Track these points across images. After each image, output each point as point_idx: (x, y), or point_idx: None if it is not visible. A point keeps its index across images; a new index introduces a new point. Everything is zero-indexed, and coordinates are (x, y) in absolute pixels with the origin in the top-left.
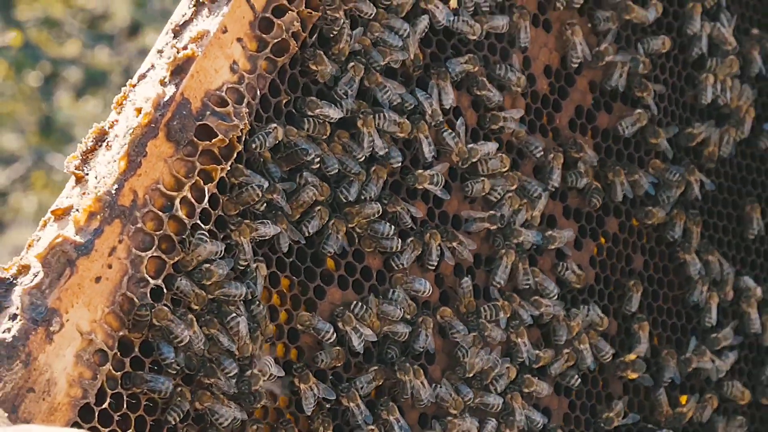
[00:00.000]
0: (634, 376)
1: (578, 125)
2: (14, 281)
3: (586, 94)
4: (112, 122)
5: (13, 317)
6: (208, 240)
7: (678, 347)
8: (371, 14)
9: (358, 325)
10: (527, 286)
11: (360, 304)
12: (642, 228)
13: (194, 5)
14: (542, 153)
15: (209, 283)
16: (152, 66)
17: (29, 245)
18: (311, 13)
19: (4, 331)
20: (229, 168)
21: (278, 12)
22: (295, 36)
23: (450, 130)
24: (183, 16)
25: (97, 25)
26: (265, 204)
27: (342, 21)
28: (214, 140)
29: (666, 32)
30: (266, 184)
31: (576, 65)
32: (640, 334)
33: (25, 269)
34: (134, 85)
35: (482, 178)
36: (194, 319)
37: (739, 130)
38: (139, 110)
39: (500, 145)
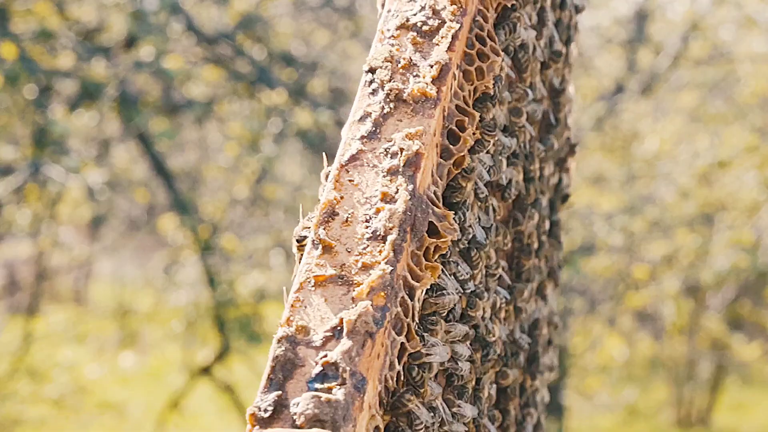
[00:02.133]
0: None
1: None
2: (296, 339)
3: None
4: (338, 198)
5: (322, 378)
6: (441, 345)
7: None
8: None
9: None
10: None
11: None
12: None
13: (393, 100)
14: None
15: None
16: (361, 150)
17: (292, 305)
18: (475, 133)
19: (318, 390)
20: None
21: (459, 126)
22: (467, 152)
23: None
24: (381, 108)
25: (93, 38)
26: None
27: (491, 143)
28: (441, 240)
29: None
30: (456, 288)
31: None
32: None
33: (303, 330)
34: (344, 166)
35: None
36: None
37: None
38: (384, 194)
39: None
